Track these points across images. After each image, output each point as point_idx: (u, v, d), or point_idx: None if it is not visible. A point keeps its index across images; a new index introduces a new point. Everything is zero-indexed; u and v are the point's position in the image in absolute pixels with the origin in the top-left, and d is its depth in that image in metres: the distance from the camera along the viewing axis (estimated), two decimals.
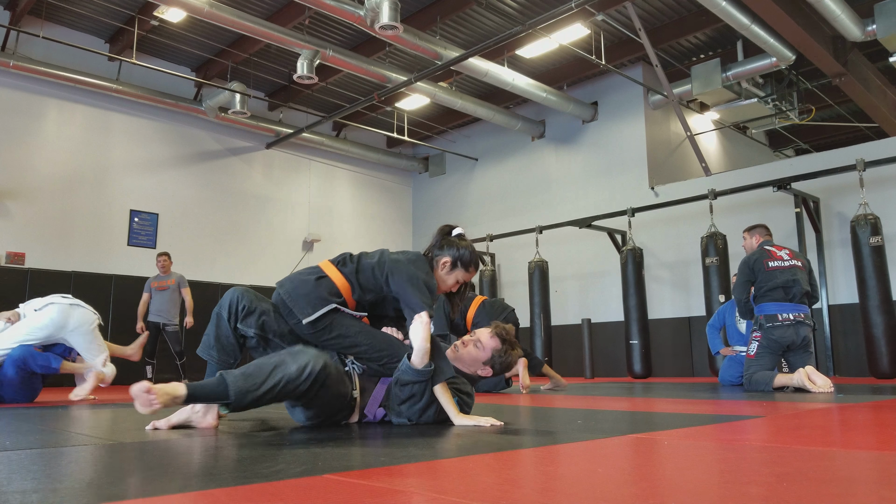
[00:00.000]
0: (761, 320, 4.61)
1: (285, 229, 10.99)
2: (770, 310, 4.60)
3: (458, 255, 2.50)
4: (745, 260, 4.82)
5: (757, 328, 4.65)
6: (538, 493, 1.14)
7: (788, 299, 4.62)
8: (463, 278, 2.54)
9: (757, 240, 4.97)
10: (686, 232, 8.68)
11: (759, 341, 4.59)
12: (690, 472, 1.40)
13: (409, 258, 2.50)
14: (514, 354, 2.46)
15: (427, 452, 1.69)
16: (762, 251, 4.78)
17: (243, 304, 2.47)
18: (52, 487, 1.26)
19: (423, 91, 9.19)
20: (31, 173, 8.59)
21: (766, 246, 4.84)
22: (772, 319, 4.57)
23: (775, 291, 4.63)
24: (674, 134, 10.09)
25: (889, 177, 7.24)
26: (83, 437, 2.22)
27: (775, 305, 4.61)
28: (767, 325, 4.57)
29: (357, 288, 2.49)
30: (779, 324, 4.55)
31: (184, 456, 1.67)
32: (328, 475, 1.35)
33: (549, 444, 1.85)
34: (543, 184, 10.78)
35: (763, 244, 4.88)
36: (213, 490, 1.20)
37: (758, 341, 4.60)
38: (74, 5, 8.41)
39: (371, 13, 6.93)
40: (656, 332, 8.73)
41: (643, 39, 8.06)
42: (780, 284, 4.62)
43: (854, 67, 8.24)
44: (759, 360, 4.55)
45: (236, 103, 9.39)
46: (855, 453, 1.63)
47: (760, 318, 4.62)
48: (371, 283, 2.49)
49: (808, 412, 2.81)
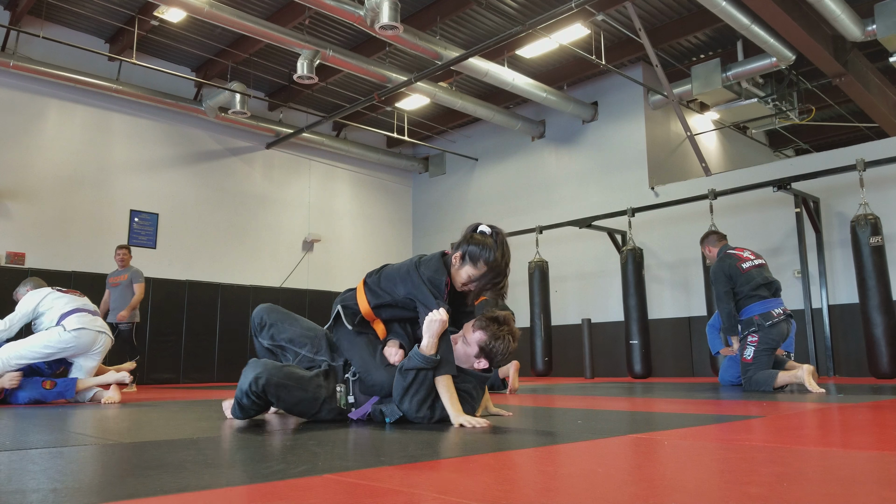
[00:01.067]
0: (757, 320, 4.60)
1: (285, 229, 11.00)
2: (763, 308, 4.62)
3: (466, 250, 2.48)
4: (717, 269, 4.80)
5: (754, 330, 4.62)
6: (538, 493, 1.14)
7: (772, 295, 4.69)
8: (470, 273, 2.46)
9: (716, 247, 5.03)
10: (686, 232, 8.68)
11: (756, 345, 4.57)
12: (690, 472, 1.40)
13: (423, 259, 2.55)
14: (506, 338, 2.44)
15: (427, 452, 1.69)
16: (728, 256, 4.82)
17: (257, 320, 2.80)
18: (52, 487, 1.26)
19: (423, 91, 9.19)
20: (31, 173, 8.60)
21: (729, 250, 4.89)
22: (768, 317, 4.58)
23: (760, 290, 4.66)
24: (674, 134, 10.09)
25: (889, 177, 7.24)
26: (83, 437, 2.22)
27: (766, 303, 4.64)
28: (767, 325, 4.57)
29: (371, 298, 2.60)
30: (775, 320, 4.58)
31: (183, 456, 1.67)
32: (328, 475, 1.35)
33: (549, 444, 1.85)
34: (543, 184, 10.78)
35: (724, 248, 4.94)
36: (214, 490, 1.20)
37: (754, 345, 4.57)
38: (74, 5, 8.41)
39: (371, 13, 6.93)
40: (656, 332, 8.73)
41: (643, 39, 8.07)
42: (760, 283, 4.67)
43: (854, 67, 8.25)
44: (757, 361, 4.55)
45: (236, 103, 9.39)
46: (855, 453, 1.63)
47: (756, 318, 4.61)
48: (383, 289, 2.59)
49: (808, 412, 2.81)
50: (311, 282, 10.94)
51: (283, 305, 3.00)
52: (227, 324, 9.58)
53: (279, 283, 10.54)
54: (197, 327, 9.33)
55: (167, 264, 9.36)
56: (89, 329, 4.37)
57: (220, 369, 9.42)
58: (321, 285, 10.90)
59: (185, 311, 9.26)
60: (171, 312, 9.12)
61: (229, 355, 9.49)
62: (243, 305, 9.76)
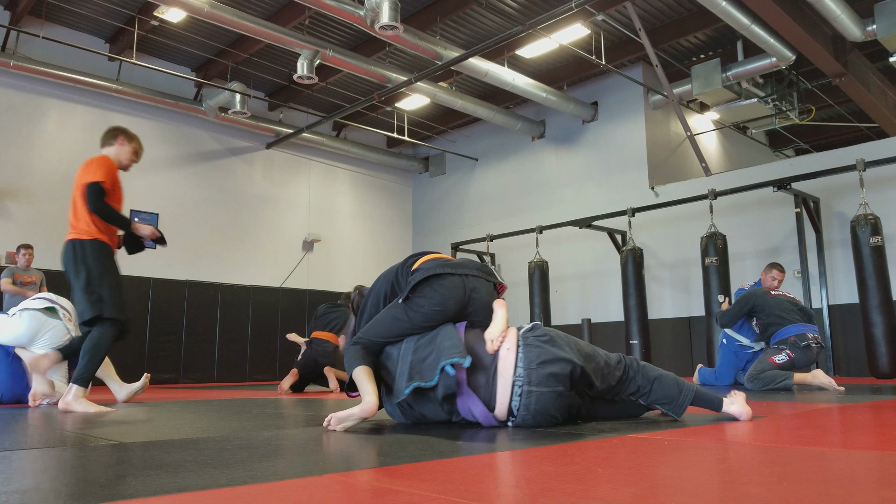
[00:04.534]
0: (793, 341, 4.83)
1: (285, 229, 10.99)
2: (798, 330, 4.90)
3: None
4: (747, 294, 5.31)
5: (787, 349, 4.82)
6: (538, 493, 1.14)
7: (806, 320, 5.04)
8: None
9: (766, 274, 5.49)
10: (686, 232, 8.68)
11: (792, 359, 4.77)
12: (690, 472, 1.40)
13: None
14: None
15: (427, 452, 1.69)
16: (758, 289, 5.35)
17: None
18: (53, 487, 1.26)
19: (423, 91, 9.19)
20: (31, 173, 8.59)
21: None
22: (803, 339, 4.84)
23: (792, 314, 5.01)
24: (674, 134, 10.09)
25: (889, 177, 7.24)
26: (83, 437, 2.21)
27: (801, 326, 4.93)
28: (802, 345, 4.81)
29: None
30: (809, 342, 4.85)
31: (183, 456, 1.67)
32: (328, 475, 1.35)
33: (549, 443, 1.85)
34: (543, 184, 10.78)
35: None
36: (213, 490, 1.20)
37: (788, 357, 4.77)
38: (74, 5, 8.41)
39: (371, 13, 6.93)
40: (656, 332, 8.72)
41: (643, 39, 8.07)
42: (792, 308, 5.08)
43: (854, 67, 8.25)
44: (781, 367, 4.76)
45: (236, 103, 9.39)
46: (855, 453, 1.63)
47: (791, 339, 4.83)
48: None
49: (808, 412, 2.81)
50: (311, 282, 10.94)
51: (283, 305, 3.01)
52: (228, 324, 9.57)
53: (279, 283, 10.53)
54: (197, 327, 9.32)
55: (167, 264, 9.35)
56: (30, 311, 4.27)
57: (220, 369, 9.41)
58: (321, 285, 10.89)
59: (185, 311, 9.25)
60: (171, 312, 9.11)
61: (229, 355, 9.48)
62: (243, 305, 9.76)
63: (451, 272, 2.48)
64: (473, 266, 2.59)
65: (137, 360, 8.44)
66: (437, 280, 2.46)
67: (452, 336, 2.28)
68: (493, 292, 2.58)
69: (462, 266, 2.55)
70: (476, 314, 2.46)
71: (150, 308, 8.85)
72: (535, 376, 2.17)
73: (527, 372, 2.17)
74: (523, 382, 2.17)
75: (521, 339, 2.26)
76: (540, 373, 2.17)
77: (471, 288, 2.48)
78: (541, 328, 2.31)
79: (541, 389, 2.16)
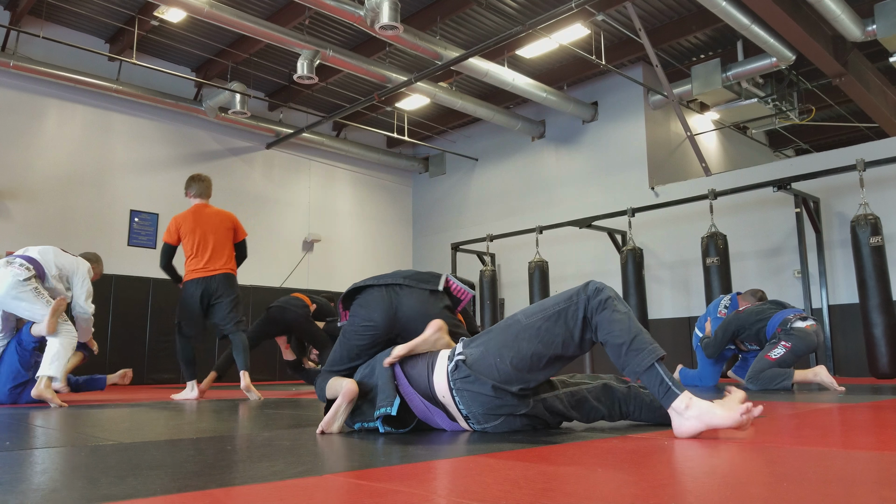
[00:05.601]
0: (780, 333, 4.77)
1: (285, 229, 10.99)
2: (780, 317, 4.84)
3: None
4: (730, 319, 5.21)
5: (783, 338, 4.71)
6: (538, 493, 1.14)
7: (781, 307, 4.99)
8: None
9: (749, 303, 5.45)
10: (686, 232, 8.68)
11: (788, 349, 4.65)
12: (690, 472, 1.40)
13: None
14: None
15: (427, 452, 1.69)
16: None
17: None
18: (53, 487, 1.26)
19: (423, 91, 9.19)
20: (31, 173, 8.59)
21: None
22: (787, 321, 4.78)
23: (765, 310, 5.00)
24: (674, 134, 10.09)
25: (889, 177, 7.24)
26: (83, 438, 2.21)
27: (781, 313, 4.88)
28: (790, 327, 4.74)
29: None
30: (795, 324, 4.77)
31: (184, 456, 1.67)
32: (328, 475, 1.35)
33: (550, 443, 1.85)
34: (543, 184, 10.78)
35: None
36: (213, 490, 1.20)
37: (786, 348, 4.65)
38: (74, 5, 8.41)
39: (371, 13, 6.93)
40: (656, 332, 8.72)
41: (643, 39, 8.07)
42: (764, 307, 5.08)
43: (854, 67, 8.24)
44: (781, 362, 4.62)
45: (236, 103, 9.39)
46: (855, 453, 1.63)
47: (778, 330, 4.78)
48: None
49: (808, 412, 2.81)
50: (311, 282, 10.93)
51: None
52: None
53: (279, 283, 10.53)
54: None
55: None
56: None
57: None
58: (321, 285, 10.88)
59: None
60: (171, 313, 9.07)
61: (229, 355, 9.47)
62: (243, 305, 9.74)
63: (373, 283, 2.42)
64: (402, 275, 2.45)
65: (138, 360, 8.45)
66: (360, 296, 2.42)
67: (383, 375, 2.16)
68: (431, 300, 2.40)
69: (388, 276, 2.45)
70: (412, 322, 2.34)
71: (150, 308, 8.85)
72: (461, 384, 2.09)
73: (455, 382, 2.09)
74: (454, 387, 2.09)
75: (450, 381, 2.10)
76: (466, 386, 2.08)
77: (396, 298, 2.37)
78: (462, 367, 2.09)
79: (471, 388, 2.07)
